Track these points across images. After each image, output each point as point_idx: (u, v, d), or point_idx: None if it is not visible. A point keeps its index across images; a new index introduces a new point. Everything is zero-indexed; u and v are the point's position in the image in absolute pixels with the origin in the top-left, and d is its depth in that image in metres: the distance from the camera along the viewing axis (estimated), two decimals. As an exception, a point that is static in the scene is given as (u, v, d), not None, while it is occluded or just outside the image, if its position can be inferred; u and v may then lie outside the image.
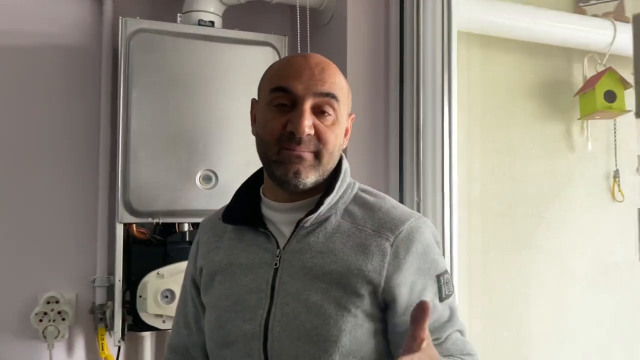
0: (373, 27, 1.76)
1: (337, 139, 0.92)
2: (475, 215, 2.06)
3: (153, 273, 1.64)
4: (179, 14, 1.78)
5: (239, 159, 1.71)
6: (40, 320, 1.74)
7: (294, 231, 0.93)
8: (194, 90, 1.67)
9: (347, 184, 0.98)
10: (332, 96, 0.90)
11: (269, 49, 1.76)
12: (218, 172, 1.68)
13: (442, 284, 0.93)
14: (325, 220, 0.93)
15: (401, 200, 1.69)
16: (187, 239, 1.71)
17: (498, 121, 2.13)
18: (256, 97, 0.99)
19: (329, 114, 0.91)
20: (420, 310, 0.70)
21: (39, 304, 1.76)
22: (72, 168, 1.86)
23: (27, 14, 1.85)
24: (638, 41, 0.92)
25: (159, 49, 1.66)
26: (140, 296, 1.62)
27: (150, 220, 1.64)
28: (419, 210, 1.62)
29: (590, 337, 2.25)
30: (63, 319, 1.76)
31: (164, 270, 1.64)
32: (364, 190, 0.99)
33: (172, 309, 1.62)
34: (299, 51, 1.77)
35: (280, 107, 0.90)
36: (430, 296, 0.91)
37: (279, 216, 0.96)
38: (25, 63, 1.84)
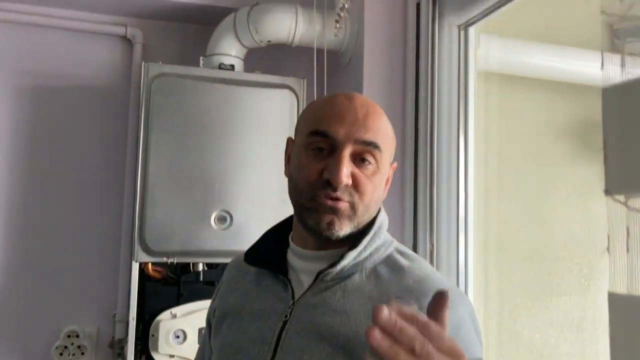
0: (389, 69, 1.76)
1: (376, 190, 0.84)
2: (500, 261, 1.99)
3: (166, 312, 1.66)
4: (201, 57, 1.84)
5: (253, 200, 1.72)
6: (61, 354, 1.79)
7: (312, 283, 0.85)
8: (211, 132, 1.71)
9: (382, 241, 0.88)
10: (375, 145, 0.82)
11: (287, 92, 1.78)
12: (233, 212, 1.70)
13: None
14: (347, 277, 0.84)
15: (414, 246, 1.65)
16: (201, 279, 1.73)
17: (526, 162, 2.07)
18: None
19: (370, 163, 0.83)
20: (440, 300, 0.58)
21: (60, 337, 1.81)
22: (99, 206, 1.93)
23: (65, 56, 1.96)
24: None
25: (179, 92, 1.71)
26: (152, 335, 1.64)
27: (165, 259, 1.67)
28: (432, 258, 1.58)
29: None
30: (82, 354, 1.81)
31: (177, 310, 1.66)
32: (400, 252, 0.89)
33: (183, 349, 1.63)
34: (315, 93, 1.79)
35: (317, 151, 0.83)
36: None
37: (302, 264, 0.89)
38: (61, 103, 1.94)
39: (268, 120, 1.76)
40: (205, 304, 1.68)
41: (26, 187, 1.88)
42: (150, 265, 1.70)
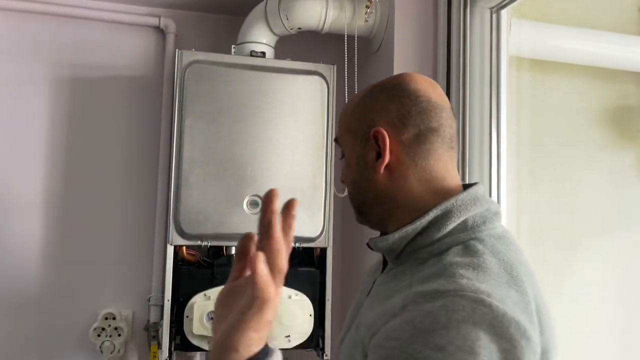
0: (420, 54, 1.76)
1: (351, 172, 0.86)
2: (533, 248, 1.97)
3: (200, 294, 1.69)
4: (233, 46, 1.87)
5: (284, 185, 1.74)
6: (98, 335, 1.84)
7: (383, 268, 0.86)
8: (243, 118, 1.73)
9: (447, 232, 0.75)
10: (336, 140, 0.90)
11: (317, 78, 1.80)
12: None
13: None
14: (401, 264, 0.79)
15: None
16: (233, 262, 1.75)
17: (559, 148, 2.04)
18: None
19: (343, 156, 0.89)
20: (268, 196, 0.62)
21: (98, 319, 1.86)
22: (134, 191, 1.97)
23: (101, 47, 2.01)
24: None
25: (212, 79, 1.74)
26: (187, 316, 1.67)
27: (199, 243, 1.70)
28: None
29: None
30: (119, 335, 1.85)
31: (211, 292, 1.69)
32: (469, 249, 0.73)
33: (216, 330, 1.66)
34: (346, 79, 1.79)
35: None
36: None
37: None
38: (97, 92, 1.99)
39: (299, 106, 1.77)
40: (238, 287, 1.71)
41: (64, 174, 1.93)
42: (184, 249, 1.74)
